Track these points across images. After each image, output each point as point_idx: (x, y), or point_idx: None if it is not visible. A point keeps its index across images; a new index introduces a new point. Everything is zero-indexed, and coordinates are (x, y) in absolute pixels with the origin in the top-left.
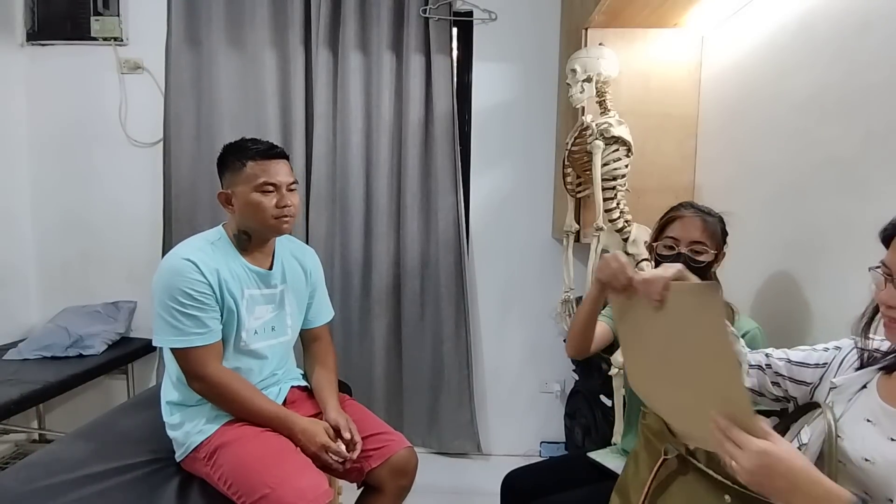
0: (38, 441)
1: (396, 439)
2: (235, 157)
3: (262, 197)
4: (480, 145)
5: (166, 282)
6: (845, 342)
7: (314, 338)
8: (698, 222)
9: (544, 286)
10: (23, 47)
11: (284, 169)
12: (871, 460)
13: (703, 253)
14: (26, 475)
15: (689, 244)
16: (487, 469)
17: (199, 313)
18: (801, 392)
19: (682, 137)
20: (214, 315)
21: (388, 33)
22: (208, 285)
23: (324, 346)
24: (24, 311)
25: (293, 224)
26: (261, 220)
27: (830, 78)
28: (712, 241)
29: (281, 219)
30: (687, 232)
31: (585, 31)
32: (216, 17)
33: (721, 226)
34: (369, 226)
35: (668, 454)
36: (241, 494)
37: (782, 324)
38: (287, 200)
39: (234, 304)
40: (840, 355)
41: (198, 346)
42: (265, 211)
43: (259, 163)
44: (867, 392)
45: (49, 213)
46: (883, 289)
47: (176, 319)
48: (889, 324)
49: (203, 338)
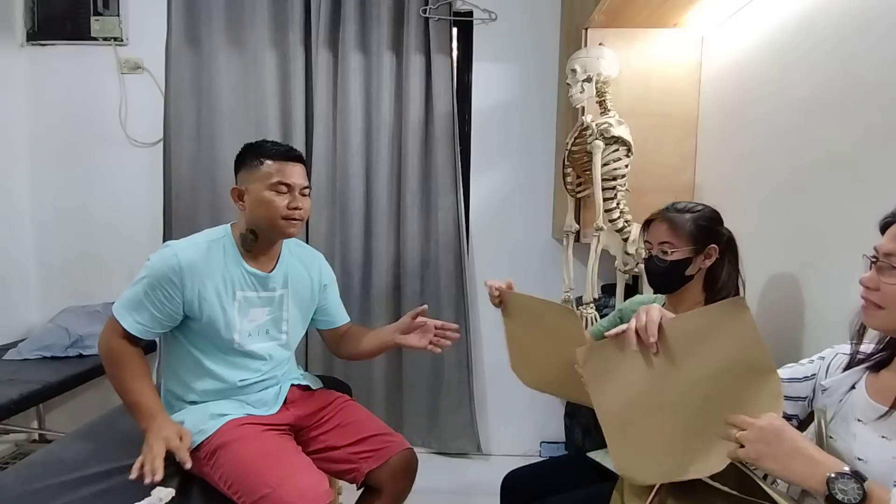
0: (38, 441)
1: (396, 441)
2: (254, 155)
3: (275, 195)
4: (480, 145)
5: (151, 264)
6: (828, 351)
7: (341, 334)
8: (664, 223)
9: (544, 286)
10: (23, 47)
11: (300, 172)
12: (864, 459)
13: (670, 252)
14: (26, 475)
15: (658, 245)
16: (487, 469)
17: (150, 307)
18: (799, 408)
19: (681, 137)
20: (162, 320)
21: (388, 33)
22: (178, 288)
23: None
24: (24, 311)
25: (300, 228)
26: (269, 219)
27: (830, 77)
28: (680, 239)
29: (289, 220)
30: (655, 234)
31: (585, 31)
32: (216, 17)
33: (702, 223)
34: (369, 226)
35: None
36: (241, 494)
37: (782, 323)
38: (299, 203)
39: (218, 307)
40: (825, 364)
41: (124, 326)
42: (275, 209)
43: (276, 162)
44: (857, 392)
45: (49, 213)
46: (868, 271)
47: (134, 295)
48: (865, 307)
49: (135, 326)
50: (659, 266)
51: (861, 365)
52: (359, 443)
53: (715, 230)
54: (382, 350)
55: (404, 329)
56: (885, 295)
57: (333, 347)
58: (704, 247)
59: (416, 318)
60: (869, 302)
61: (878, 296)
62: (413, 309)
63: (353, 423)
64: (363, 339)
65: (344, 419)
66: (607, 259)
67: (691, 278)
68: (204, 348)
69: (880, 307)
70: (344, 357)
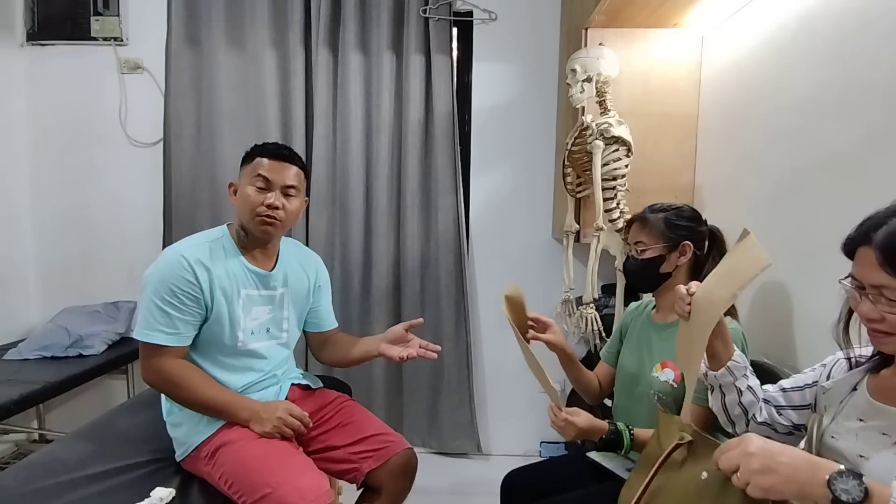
0: (38, 441)
1: (396, 440)
2: (253, 152)
3: (252, 190)
4: (480, 145)
5: (155, 274)
6: (829, 358)
7: (325, 339)
8: (638, 225)
9: (544, 286)
10: (23, 47)
11: (288, 172)
12: (865, 456)
13: (644, 251)
14: (26, 475)
15: (634, 245)
16: (487, 469)
17: (174, 312)
18: (805, 417)
19: (681, 137)
20: (190, 320)
21: (388, 33)
22: (196, 285)
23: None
24: (24, 311)
25: (279, 229)
26: (245, 214)
27: (830, 77)
28: (651, 237)
29: (263, 217)
30: (631, 235)
31: (585, 31)
32: (216, 17)
33: (674, 220)
34: (369, 226)
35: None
36: (241, 494)
37: (782, 323)
38: (275, 201)
39: (225, 304)
40: (826, 370)
41: (160, 344)
42: (249, 204)
43: (265, 159)
44: (858, 393)
45: (49, 213)
46: (860, 301)
47: (150, 312)
48: (874, 336)
49: (168, 337)
50: (633, 265)
51: (861, 367)
52: (359, 442)
53: (688, 227)
54: (365, 359)
55: (392, 339)
56: (891, 324)
57: (316, 351)
58: (677, 244)
59: (408, 330)
60: (876, 332)
61: (885, 325)
62: (409, 321)
63: (353, 423)
64: (348, 347)
65: (344, 419)
66: (607, 259)
67: (669, 276)
68: (206, 354)
69: (890, 334)
70: (324, 362)
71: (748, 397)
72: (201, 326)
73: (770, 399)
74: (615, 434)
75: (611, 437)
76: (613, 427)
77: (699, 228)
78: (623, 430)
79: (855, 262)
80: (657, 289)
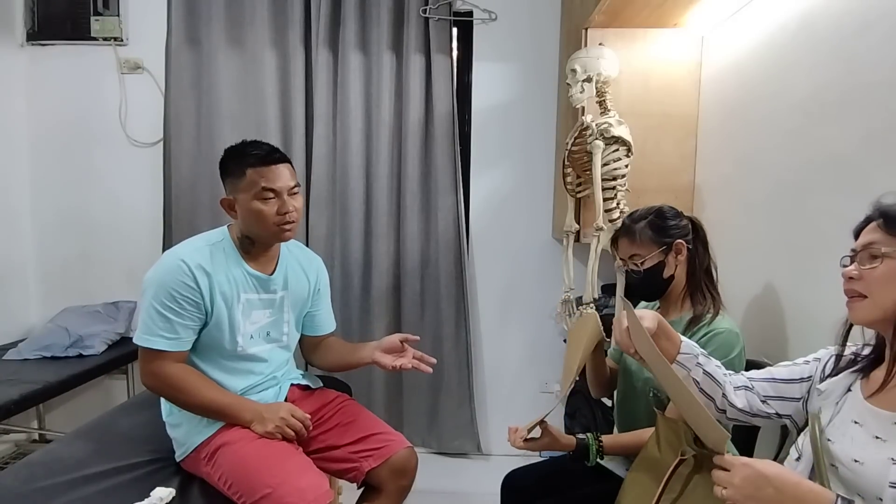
0: (38, 441)
1: (396, 439)
2: (236, 164)
3: (263, 205)
4: (480, 145)
5: (155, 279)
6: (822, 352)
7: (318, 342)
8: (626, 238)
9: (544, 286)
10: (23, 47)
11: (285, 173)
12: (860, 461)
13: (642, 262)
14: (26, 475)
15: (629, 260)
16: (487, 469)
17: (174, 317)
18: (793, 409)
19: (681, 137)
20: (191, 325)
21: (388, 33)
22: (196, 290)
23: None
24: (24, 311)
25: (296, 229)
26: (263, 228)
27: (830, 77)
28: (644, 247)
29: (282, 226)
30: (622, 251)
31: (585, 31)
32: (216, 17)
33: (658, 222)
34: (369, 226)
35: (686, 455)
36: (241, 494)
37: (781, 323)
38: (288, 206)
39: (225, 308)
40: (820, 366)
41: (159, 349)
42: (266, 219)
43: (258, 169)
44: (852, 395)
45: (49, 213)
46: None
47: (150, 317)
48: (850, 302)
49: (168, 342)
50: (636, 278)
51: (852, 368)
52: (359, 442)
53: (672, 225)
54: (358, 366)
55: (387, 348)
56: (867, 282)
57: (307, 354)
58: (671, 245)
59: (403, 342)
60: (853, 294)
61: (861, 284)
62: (407, 334)
63: (352, 423)
64: (341, 351)
65: (344, 418)
66: (607, 259)
67: (672, 278)
68: (206, 357)
69: (864, 296)
70: (315, 366)
71: (708, 383)
72: (201, 331)
73: (755, 388)
74: (584, 448)
75: (579, 452)
76: (582, 438)
77: (682, 223)
78: (591, 444)
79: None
80: (664, 294)
